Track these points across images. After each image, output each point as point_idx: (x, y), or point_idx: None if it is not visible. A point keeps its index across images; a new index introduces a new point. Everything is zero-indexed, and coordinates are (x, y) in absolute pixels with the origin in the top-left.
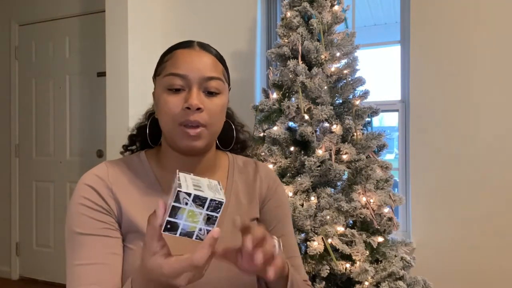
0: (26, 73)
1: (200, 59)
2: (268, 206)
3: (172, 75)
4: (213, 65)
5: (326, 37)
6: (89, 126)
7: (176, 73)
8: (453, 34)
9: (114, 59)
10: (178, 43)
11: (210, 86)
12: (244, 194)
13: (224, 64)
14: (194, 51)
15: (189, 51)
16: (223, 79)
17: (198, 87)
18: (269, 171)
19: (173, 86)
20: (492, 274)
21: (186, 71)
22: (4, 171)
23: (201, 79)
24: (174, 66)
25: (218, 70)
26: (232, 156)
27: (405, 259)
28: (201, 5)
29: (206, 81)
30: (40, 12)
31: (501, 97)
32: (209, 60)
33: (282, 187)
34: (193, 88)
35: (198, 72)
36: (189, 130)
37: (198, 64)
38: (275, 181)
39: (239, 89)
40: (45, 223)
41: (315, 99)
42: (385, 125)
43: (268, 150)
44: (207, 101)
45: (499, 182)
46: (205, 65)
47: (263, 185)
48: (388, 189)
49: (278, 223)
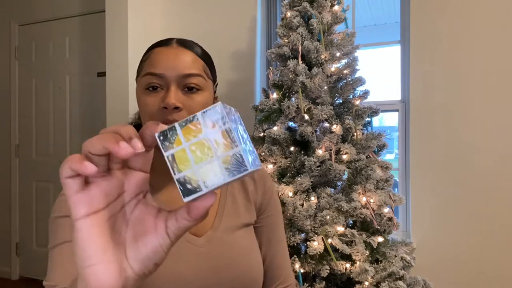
0: (26, 73)
1: (177, 57)
2: (264, 215)
3: (149, 74)
4: (192, 62)
5: (326, 37)
6: (89, 126)
7: (153, 72)
8: (453, 34)
9: (114, 59)
10: (156, 42)
11: (189, 82)
12: (240, 195)
13: (207, 60)
14: (172, 49)
15: (167, 49)
16: (203, 75)
17: (176, 86)
18: (263, 174)
19: (150, 85)
20: (492, 274)
21: (162, 70)
22: (4, 171)
23: (179, 77)
24: (151, 65)
25: (198, 67)
26: None
27: (405, 259)
28: (201, 5)
29: (185, 79)
30: (40, 12)
31: (501, 97)
32: (188, 57)
33: (275, 191)
34: (171, 87)
35: (175, 70)
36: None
37: (175, 61)
38: (270, 187)
39: (239, 89)
40: (45, 223)
41: (315, 99)
42: (385, 125)
43: (268, 150)
44: (186, 99)
45: (499, 182)
46: (183, 63)
47: (258, 190)
48: (388, 189)
49: (272, 231)
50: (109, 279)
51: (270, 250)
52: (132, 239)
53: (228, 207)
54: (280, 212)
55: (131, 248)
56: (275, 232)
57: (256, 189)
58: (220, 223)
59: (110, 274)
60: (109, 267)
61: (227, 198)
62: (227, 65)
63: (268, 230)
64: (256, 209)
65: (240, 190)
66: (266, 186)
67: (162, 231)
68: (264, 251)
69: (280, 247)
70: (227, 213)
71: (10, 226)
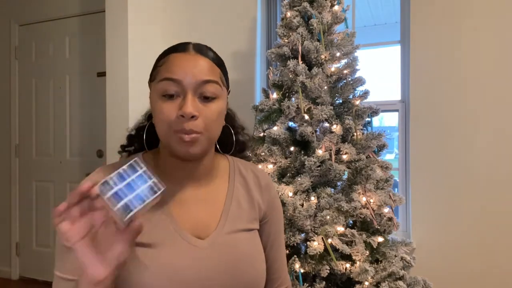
0: (26, 73)
1: (195, 63)
2: (267, 222)
3: (166, 80)
4: (210, 69)
5: (326, 37)
6: (89, 126)
7: (170, 78)
8: (453, 34)
9: (114, 59)
10: (173, 46)
11: (206, 90)
12: (245, 199)
13: (223, 67)
14: (189, 55)
15: (184, 55)
16: (220, 83)
17: (193, 93)
18: (269, 181)
19: (167, 92)
20: (492, 274)
21: (180, 76)
22: (4, 171)
23: (197, 84)
24: (168, 71)
25: (215, 74)
26: (232, 160)
27: (405, 259)
28: (201, 5)
29: (202, 86)
30: (40, 12)
31: (501, 97)
32: (205, 64)
33: (278, 197)
34: (188, 94)
35: (193, 76)
36: (184, 136)
37: (193, 68)
38: (275, 195)
39: (239, 89)
40: (45, 223)
41: (315, 99)
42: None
43: (268, 150)
44: (202, 108)
45: (499, 181)
46: (201, 69)
47: (264, 198)
48: (388, 189)
49: (274, 237)
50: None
51: (271, 255)
52: (104, 250)
53: (233, 211)
54: (282, 218)
55: (105, 255)
56: (277, 238)
57: (262, 197)
58: (224, 226)
59: (100, 271)
60: (99, 266)
61: (232, 203)
62: (227, 65)
63: (271, 236)
64: (260, 216)
65: (245, 196)
66: (272, 195)
67: (120, 242)
68: (265, 256)
69: (279, 252)
70: (231, 216)
71: (10, 226)
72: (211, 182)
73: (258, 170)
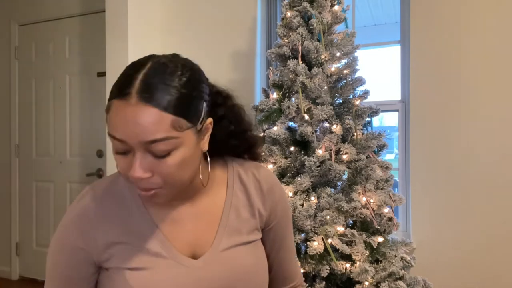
0: (26, 73)
1: (135, 118)
2: (272, 228)
3: (111, 137)
4: (155, 123)
5: (326, 37)
6: (89, 126)
7: (114, 137)
8: (453, 34)
9: (114, 59)
10: (116, 85)
11: (155, 150)
12: (245, 207)
13: (181, 105)
14: (130, 106)
15: (125, 106)
16: (172, 135)
17: (142, 151)
18: (272, 184)
19: (117, 150)
20: (492, 274)
21: (122, 135)
22: (4, 171)
23: (142, 144)
24: (111, 126)
25: (163, 128)
26: (231, 165)
27: (405, 259)
28: (201, 5)
29: (148, 145)
30: (40, 12)
31: (501, 96)
32: (149, 118)
33: (285, 198)
34: (136, 153)
35: (136, 136)
36: (143, 193)
37: (134, 127)
38: (279, 198)
39: (239, 89)
40: (45, 223)
41: (315, 99)
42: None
43: (268, 150)
44: (156, 164)
45: (499, 182)
46: (143, 128)
47: (266, 205)
48: (388, 189)
49: (281, 239)
50: None
51: (278, 257)
52: None
53: (231, 224)
54: (290, 220)
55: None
56: (284, 241)
57: (264, 203)
58: (221, 242)
59: None
60: None
61: (230, 214)
62: (227, 65)
63: (276, 242)
64: (262, 224)
65: (246, 204)
66: (276, 199)
67: None
68: (272, 258)
69: (288, 252)
70: (229, 230)
71: (10, 226)
72: (206, 195)
73: (261, 172)
